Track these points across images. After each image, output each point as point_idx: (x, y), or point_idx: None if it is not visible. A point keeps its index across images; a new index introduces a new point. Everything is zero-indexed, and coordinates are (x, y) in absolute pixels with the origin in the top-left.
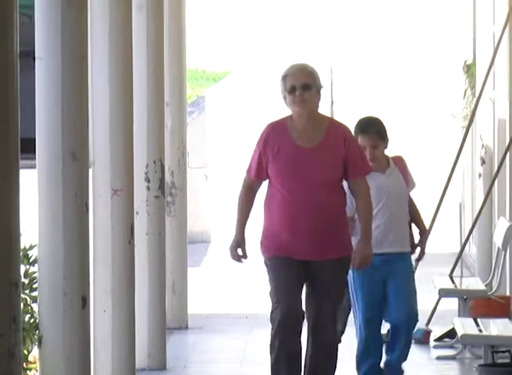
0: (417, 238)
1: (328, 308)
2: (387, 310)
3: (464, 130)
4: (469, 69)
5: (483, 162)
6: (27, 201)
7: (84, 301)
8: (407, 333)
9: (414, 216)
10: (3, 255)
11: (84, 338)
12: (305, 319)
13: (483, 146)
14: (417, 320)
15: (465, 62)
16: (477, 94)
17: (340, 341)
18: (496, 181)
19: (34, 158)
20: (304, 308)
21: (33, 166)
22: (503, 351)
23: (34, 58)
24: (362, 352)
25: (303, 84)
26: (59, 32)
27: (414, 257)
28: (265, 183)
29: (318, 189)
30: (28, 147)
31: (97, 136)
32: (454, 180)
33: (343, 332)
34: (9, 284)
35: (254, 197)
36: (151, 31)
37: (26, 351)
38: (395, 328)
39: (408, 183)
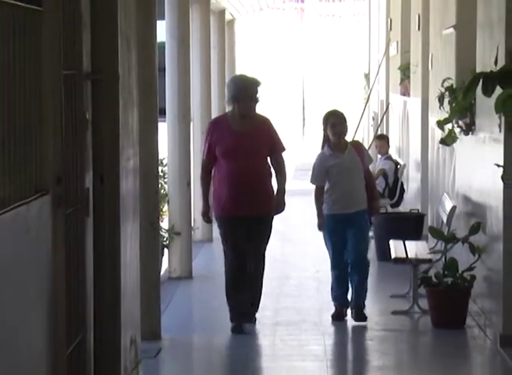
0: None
1: (259, 244)
2: (346, 253)
3: (364, 105)
4: (366, 76)
5: (373, 119)
6: (162, 138)
7: (189, 183)
8: (361, 268)
9: (370, 187)
10: (150, 162)
11: (187, 199)
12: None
13: (374, 112)
14: (367, 261)
15: (365, 72)
16: (370, 87)
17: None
18: (379, 129)
19: (165, 117)
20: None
21: (164, 121)
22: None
23: (165, 71)
24: (333, 286)
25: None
26: (175, 58)
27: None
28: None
29: (251, 161)
30: (162, 112)
31: (194, 106)
32: (359, 131)
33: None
34: (154, 175)
35: (211, 174)
36: (219, 60)
37: (161, 207)
38: (352, 265)
39: (364, 162)
